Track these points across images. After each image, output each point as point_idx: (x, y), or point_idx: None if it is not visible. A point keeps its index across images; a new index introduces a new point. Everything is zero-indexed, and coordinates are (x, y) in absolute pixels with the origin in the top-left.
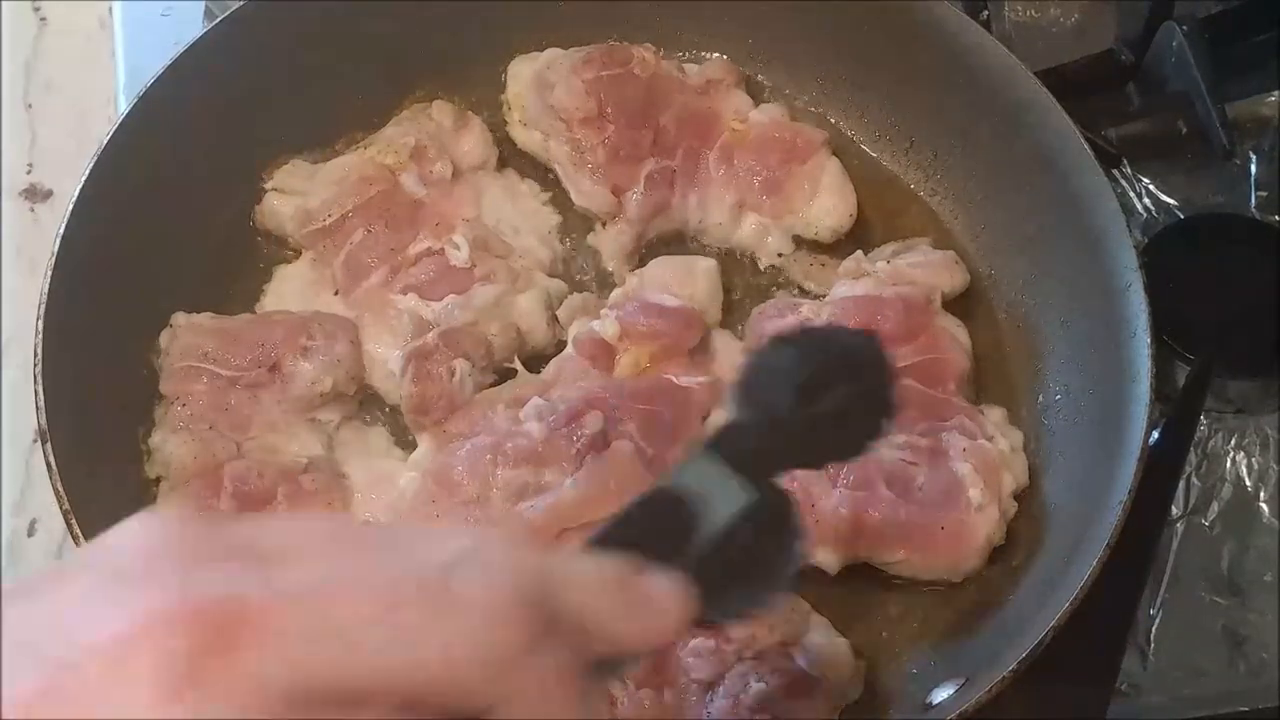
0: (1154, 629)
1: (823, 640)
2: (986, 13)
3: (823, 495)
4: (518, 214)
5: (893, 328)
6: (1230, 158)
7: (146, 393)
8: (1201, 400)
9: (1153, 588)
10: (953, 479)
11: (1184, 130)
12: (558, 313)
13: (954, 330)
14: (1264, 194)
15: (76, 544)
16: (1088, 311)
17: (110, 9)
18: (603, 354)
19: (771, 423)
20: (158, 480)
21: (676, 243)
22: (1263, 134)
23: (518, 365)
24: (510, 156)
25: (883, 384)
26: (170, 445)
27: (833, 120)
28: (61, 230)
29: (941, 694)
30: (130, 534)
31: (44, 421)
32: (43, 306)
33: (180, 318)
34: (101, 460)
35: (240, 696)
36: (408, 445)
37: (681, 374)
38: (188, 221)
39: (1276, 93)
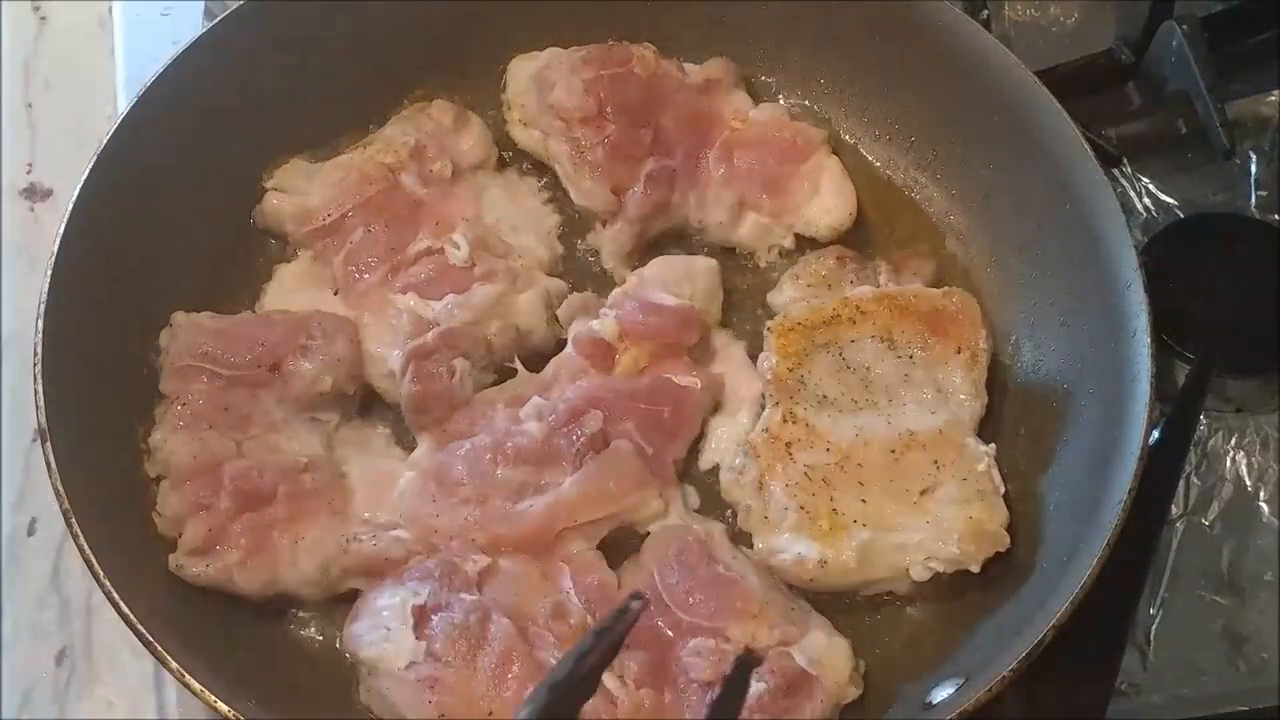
0: (1154, 629)
1: (823, 640)
2: (986, 13)
3: None
4: (518, 213)
5: None
6: (1230, 157)
7: (146, 392)
8: (1201, 400)
9: (1153, 588)
10: None
11: (1184, 130)
12: (557, 312)
13: None
14: (1264, 194)
15: (76, 543)
16: (1088, 311)
17: (110, 9)
18: (602, 353)
19: None
20: (158, 479)
21: (677, 242)
22: (1263, 134)
23: (518, 365)
24: (510, 156)
25: None
26: (170, 444)
27: (833, 120)
28: (61, 230)
29: (941, 694)
30: None
31: (44, 421)
32: (43, 306)
33: (180, 317)
34: (101, 460)
35: None
36: (408, 445)
37: (681, 373)
38: (188, 221)
39: (1276, 93)
